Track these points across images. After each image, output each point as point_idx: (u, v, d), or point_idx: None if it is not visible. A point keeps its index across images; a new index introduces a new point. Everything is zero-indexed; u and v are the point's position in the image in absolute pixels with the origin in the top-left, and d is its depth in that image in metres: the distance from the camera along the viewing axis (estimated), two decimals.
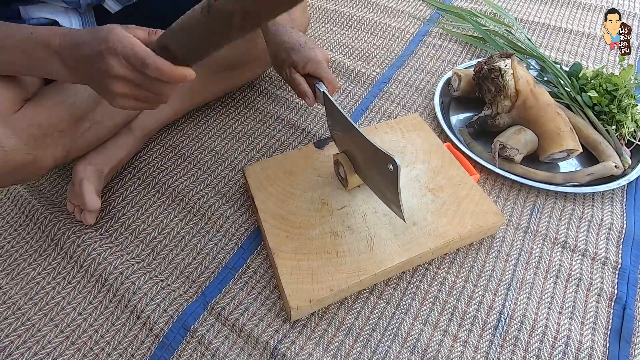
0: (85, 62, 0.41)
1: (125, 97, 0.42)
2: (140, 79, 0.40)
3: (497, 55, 0.72)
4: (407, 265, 0.55)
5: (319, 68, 0.59)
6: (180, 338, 0.51)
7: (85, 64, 0.41)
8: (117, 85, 0.40)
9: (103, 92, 0.42)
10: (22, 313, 0.54)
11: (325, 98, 0.57)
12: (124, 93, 0.41)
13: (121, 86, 0.41)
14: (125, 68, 0.39)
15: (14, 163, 0.47)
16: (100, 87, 0.42)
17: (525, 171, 0.66)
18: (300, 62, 0.59)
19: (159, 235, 0.62)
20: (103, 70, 0.40)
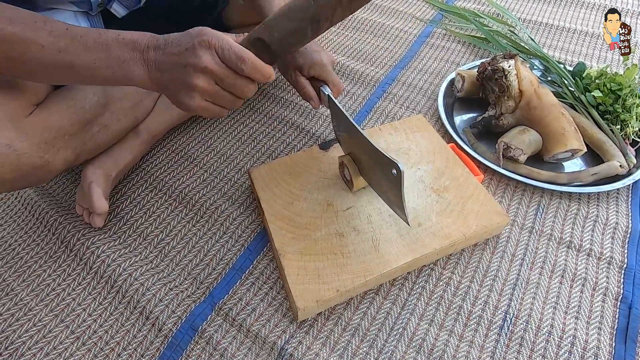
0: (172, 58, 0.41)
1: (205, 93, 0.42)
2: (227, 75, 0.41)
3: (500, 56, 0.72)
4: (412, 266, 0.55)
5: (324, 71, 0.59)
6: (188, 338, 0.52)
7: (172, 61, 0.41)
8: (201, 79, 0.41)
9: (183, 89, 0.42)
10: (33, 314, 0.55)
11: (329, 101, 0.58)
12: (204, 89, 0.41)
13: (205, 81, 0.41)
14: (215, 62, 0.40)
15: (26, 166, 0.48)
16: (180, 86, 0.42)
17: (530, 171, 0.66)
18: (305, 65, 0.59)
19: (167, 237, 0.62)
20: (191, 63, 0.40)
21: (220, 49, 0.40)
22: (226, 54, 0.41)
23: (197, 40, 0.40)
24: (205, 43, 0.40)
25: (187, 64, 0.41)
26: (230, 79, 0.42)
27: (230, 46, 0.41)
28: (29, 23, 0.40)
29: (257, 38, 0.42)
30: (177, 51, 0.41)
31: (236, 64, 0.41)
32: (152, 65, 0.42)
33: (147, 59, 0.42)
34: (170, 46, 0.42)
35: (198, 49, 0.40)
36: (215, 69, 0.41)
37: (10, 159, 0.47)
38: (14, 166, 0.47)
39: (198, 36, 0.41)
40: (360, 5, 0.42)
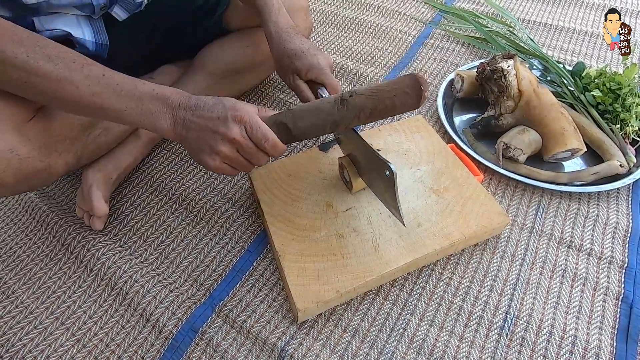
0: (202, 122, 0.45)
1: (226, 159, 0.47)
2: (249, 147, 0.46)
3: (499, 56, 0.72)
4: (412, 266, 0.55)
5: (322, 74, 0.59)
6: (189, 340, 0.52)
7: (201, 124, 0.45)
8: (226, 147, 0.46)
9: (207, 150, 0.46)
10: (34, 317, 0.55)
11: None
12: (226, 155, 0.46)
13: (229, 149, 0.46)
14: (242, 136, 0.45)
15: (28, 170, 0.48)
16: (205, 146, 0.46)
17: (530, 171, 0.66)
18: (303, 69, 0.60)
19: (167, 239, 0.62)
20: (221, 132, 0.45)
21: (250, 126, 0.45)
22: (254, 132, 0.46)
23: (230, 114, 0.45)
24: (238, 118, 0.45)
25: (217, 131, 0.45)
26: (251, 151, 0.47)
27: (259, 126, 0.46)
28: (68, 63, 0.43)
29: (282, 122, 0.48)
30: (208, 116, 0.45)
31: (260, 141, 0.46)
32: (180, 123, 0.46)
33: (176, 116, 0.46)
34: (202, 110, 0.46)
35: (230, 122, 0.45)
36: (242, 142, 0.46)
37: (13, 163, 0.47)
38: (16, 170, 0.47)
39: (232, 110, 0.45)
40: (374, 120, 0.49)
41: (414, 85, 0.46)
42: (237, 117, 0.45)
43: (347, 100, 0.47)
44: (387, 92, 0.47)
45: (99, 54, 0.62)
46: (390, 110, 0.48)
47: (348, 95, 0.47)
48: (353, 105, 0.47)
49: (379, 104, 0.47)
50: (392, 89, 0.47)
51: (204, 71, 0.73)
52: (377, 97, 0.47)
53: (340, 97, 0.47)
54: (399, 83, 0.47)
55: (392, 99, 0.47)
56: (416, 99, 0.46)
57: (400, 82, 0.47)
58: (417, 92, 0.46)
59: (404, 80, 0.46)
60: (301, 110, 0.49)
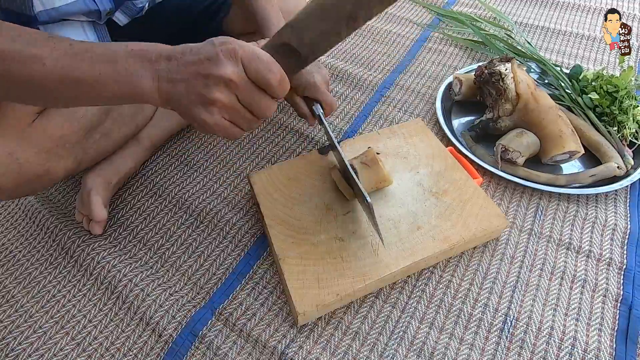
0: (190, 68, 0.37)
1: (224, 110, 0.38)
2: (251, 90, 0.38)
3: (497, 59, 0.73)
4: (412, 269, 0.55)
5: (317, 92, 0.58)
6: (189, 344, 0.52)
7: (189, 71, 0.37)
8: (223, 93, 0.37)
9: (201, 103, 0.38)
10: (34, 321, 0.55)
11: (319, 120, 0.59)
12: (225, 104, 0.38)
13: (227, 95, 0.37)
14: (240, 75, 0.37)
15: (28, 175, 0.49)
16: (197, 99, 0.38)
17: (528, 173, 0.66)
18: (300, 86, 0.58)
19: (167, 243, 0.63)
20: (214, 73, 0.36)
21: (248, 60, 0.37)
22: (253, 66, 0.37)
23: (221, 49, 0.37)
24: (232, 52, 0.37)
25: (209, 74, 0.36)
26: (254, 96, 0.38)
27: (258, 56, 0.37)
28: (31, 40, 0.37)
29: (283, 43, 0.38)
30: (196, 59, 0.37)
31: (264, 76, 0.37)
32: (164, 76, 0.38)
33: (158, 69, 0.38)
34: (189, 54, 0.38)
35: (223, 59, 0.36)
36: (241, 83, 0.37)
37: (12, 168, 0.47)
38: (16, 174, 0.47)
39: (222, 44, 0.37)
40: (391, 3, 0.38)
41: None
42: (229, 51, 0.37)
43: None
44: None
45: None
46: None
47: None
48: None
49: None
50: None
51: None
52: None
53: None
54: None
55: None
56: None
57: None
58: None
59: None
60: (303, 16, 0.38)
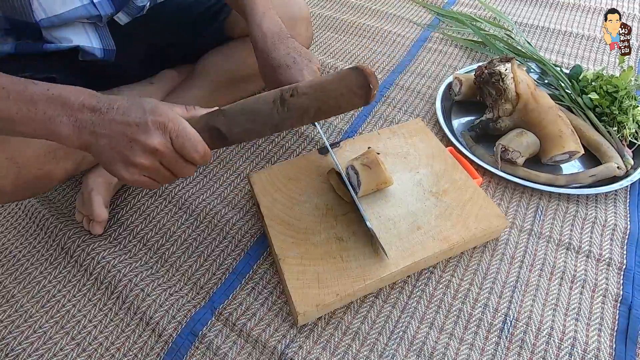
0: (116, 127, 0.38)
1: (145, 171, 0.40)
2: (174, 159, 0.40)
3: (497, 59, 0.73)
4: (412, 269, 0.55)
5: None
6: (189, 344, 0.52)
7: (115, 130, 0.38)
8: (145, 159, 0.39)
9: (122, 162, 0.39)
10: (34, 321, 0.55)
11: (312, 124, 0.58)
12: (146, 167, 0.39)
13: (149, 161, 0.39)
14: (166, 147, 0.39)
15: (28, 177, 0.48)
16: (119, 157, 0.39)
17: (528, 174, 0.66)
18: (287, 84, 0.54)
19: (167, 243, 0.63)
20: (141, 141, 0.38)
21: (175, 134, 0.39)
22: (180, 142, 0.39)
23: (151, 119, 0.38)
24: (160, 125, 0.38)
25: (136, 139, 0.38)
26: (176, 163, 0.40)
27: (186, 134, 0.39)
28: None
29: (215, 127, 0.41)
30: (124, 120, 0.38)
31: (188, 152, 0.39)
32: (86, 127, 0.38)
33: (80, 120, 0.38)
34: (114, 112, 0.38)
35: (152, 129, 0.38)
36: (165, 153, 0.39)
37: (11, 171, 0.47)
38: (15, 178, 0.47)
39: (152, 114, 0.38)
40: (317, 120, 0.43)
41: (362, 84, 0.40)
42: (159, 124, 0.38)
43: (288, 100, 0.40)
44: (333, 91, 0.41)
45: (108, 59, 0.63)
46: (335, 110, 0.43)
47: (289, 94, 0.40)
48: (294, 106, 0.40)
49: (322, 105, 0.41)
50: (338, 87, 0.41)
51: (206, 79, 0.73)
52: (322, 96, 0.41)
53: (280, 96, 0.40)
54: (345, 79, 0.41)
55: (338, 99, 0.41)
56: (364, 99, 0.41)
57: (347, 79, 0.41)
58: (366, 91, 0.40)
59: (351, 77, 0.41)
60: (236, 112, 0.41)
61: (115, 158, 0.39)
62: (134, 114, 0.38)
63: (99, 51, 0.61)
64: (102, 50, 0.61)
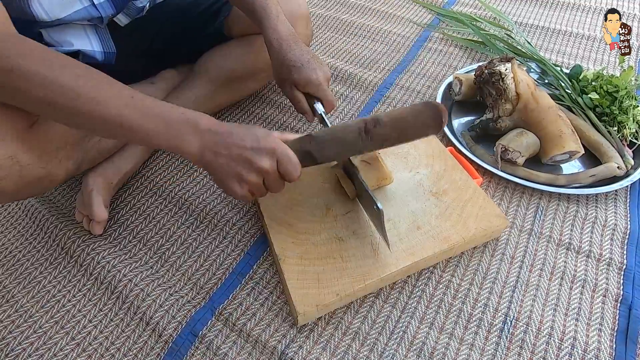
0: (234, 150, 0.45)
1: (250, 185, 0.46)
2: (276, 179, 0.47)
3: (497, 59, 0.73)
4: (412, 269, 0.55)
5: (318, 90, 0.60)
6: (189, 344, 0.52)
7: (233, 152, 0.45)
8: (254, 177, 0.46)
9: (235, 177, 0.46)
10: (34, 321, 0.55)
11: (321, 118, 0.60)
12: (254, 184, 0.46)
13: (257, 179, 0.46)
14: (272, 167, 0.46)
15: (29, 178, 0.48)
16: (233, 174, 0.46)
17: (528, 173, 0.66)
18: (301, 82, 0.59)
19: (167, 243, 0.63)
20: (255, 162, 0.45)
21: (281, 159, 0.46)
22: (284, 166, 0.46)
23: (263, 144, 0.45)
24: (271, 151, 0.45)
25: (250, 160, 0.45)
26: (277, 182, 0.48)
27: (290, 159, 0.46)
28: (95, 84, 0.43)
29: (308, 151, 0.49)
30: (241, 144, 0.45)
31: (289, 174, 0.47)
32: (209, 147, 0.45)
33: (206, 140, 0.45)
34: (232, 137, 0.46)
35: (263, 154, 0.45)
36: (271, 174, 0.46)
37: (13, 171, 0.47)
38: (17, 178, 0.47)
39: (264, 141, 0.46)
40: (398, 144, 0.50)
41: (436, 117, 0.46)
42: (269, 149, 0.45)
43: (372, 131, 0.47)
44: (411, 124, 0.48)
45: (108, 62, 0.63)
46: (411, 138, 0.49)
47: (372, 125, 0.47)
48: (377, 136, 0.47)
49: (401, 135, 0.48)
50: (416, 121, 0.47)
51: (206, 77, 0.73)
52: (401, 128, 0.48)
53: (365, 127, 0.47)
54: (422, 114, 0.47)
55: (415, 130, 0.48)
56: (436, 130, 0.47)
57: (424, 114, 0.47)
58: (439, 124, 0.47)
59: (426, 111, 0.47)
60: (325, 138, 0.49)
61: (230, 174, 0.46)
62: (249, 139, 0.46)
63: (100, 54, 0.61)
64: (103, 53, 0.61)
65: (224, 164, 0.46)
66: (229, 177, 0.46)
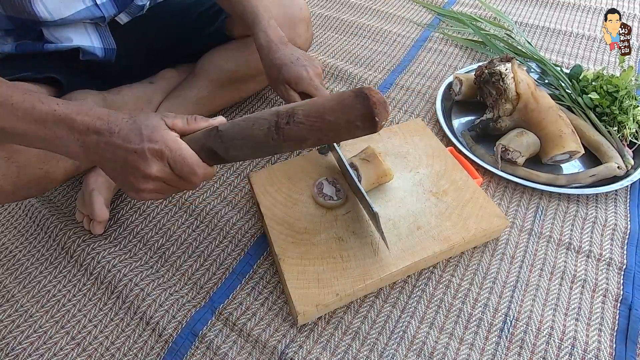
0: (118, 152, 0.39)
1: (151, 192, 0.41)
2: (175, 181, 0.40)
3: (497, 59, 0.73)
4: (412, 269, 0.55)
5: (310, 86, 0.58)
6: (189, 343, 0.52)
7: (118, 154, 0.39)
8: (148, 184, 0.40)
9: (128, 184, 0.40)
10: (34, 320, 0.55)
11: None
12: (151, 190, 0.40)
13: (152, 185, 0.40)
14: (165, 172, 0.39)
15: (27, 177, 0.48)
16: (125, 179, 0.40)
17: (528, 173, 0.66)
18: (292, 80, 0.58)
19: (167, 243, 0.63)
20: (139, 168, 0.38)
21: (173, 161, 0.39)
22: (178, 168, 0.39)
23: (148, 147, 0.38)
24: (157, 154, 0.38)
25: (135, 167, 0.39)
26: (178, 183, 0.41)
27: (183, 159, 0.39)
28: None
29: (212, 149, 0.40)
30: (125, 147, 0.38)
31: (187, 177, 0.40)
32: (92, 150, 0.39)
33: (86, 142, 0.39)
34: (116, 137, 0.39)
35: (149, 158, 0.38)
36: (165, 177, 0.40)
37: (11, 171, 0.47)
38: (15, 178, 0.47)
39: (150, 141, 0.38)
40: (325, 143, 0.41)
41: (366, 116, 0.34)
42: (155, 152, 0.38)
43: (283, 129, 0.37)
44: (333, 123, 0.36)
45: (108, 58, 0.63)
46: (337, 140, 0.39)
47: (285, 122, 0.37)
48: (290, 136, 0.37)
49: (322, 136, 0.37)
50: (338, 119, 0.36)
51: (206, 78, 0.73)
52: (320, 127, 0.36)
53: (276, 123, 0.37)
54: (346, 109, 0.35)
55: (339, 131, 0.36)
56: (369, 130, 0.36)
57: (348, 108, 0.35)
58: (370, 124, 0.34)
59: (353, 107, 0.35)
60: (232, 135, 0.40)
61: (122, 180, 0.40)
62: (133, 139, 0.38)
63: (100, 50, 0.61)
64: (103, 49, 0.61)
65: (113, 169, 0.40)
66: (122, 183, 0.41)
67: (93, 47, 0.59)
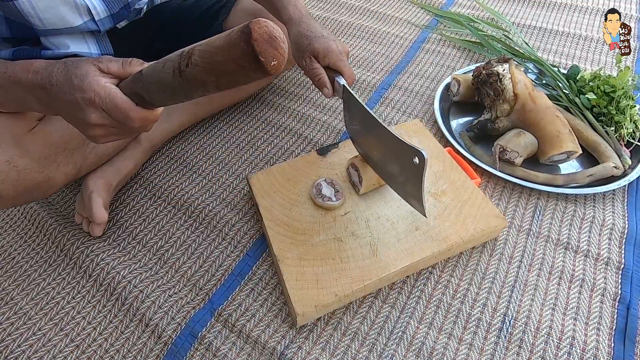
0: (63, 105, 0.40)
1: (104, 136, 0.42)
2: (118, 124, 0.40)
3: (495, 60, 0.73)
4: (410, 270, 0.55)
5: (340, 60, 0.57)
6: (188, 345, 0.52)
7: (60, 105, 0.40)
8: (94, 130, 0.40)
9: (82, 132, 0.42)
10: (33, 323, 0.55)
11: (345, 91, 0.57)
12: (102, 135, 0.41)
13: (99, 131, 0.41)
14: (103, 118, 0.39)
15: (28, 182, 0.48)
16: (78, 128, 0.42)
17: (526, 174, 0.66)
18: (322, 51, 0.58)
19: (166, 244, 0.63)
20: (80, 118, 0.39)
21: (106, 108, 0.39)
22: (113, 114, 0.39)
23: (80, 97, 0.38)
24: (89, 102, 0.38)
25: (76, 117, 0.40)
26: (122, 127, 0.41)
27: (115, 105, 0.38)
28: None
29: (138, 93, 0.39)
30: (64, 99, 0.39)
31: (125, 123, 0.40)
32: (44, 103, 0.41)
33: (38, 97, 0.41)
34: (57, 89, 0.39)
35: (84, 107, 0.38)
36: (107, 123, 0.40)
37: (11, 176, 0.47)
38: (15, 182, 0.47)
39: (80, 90, 0.38)
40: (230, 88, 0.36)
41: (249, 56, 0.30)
42: (87, 100, 0.38)
43: (185, 71, 0.34)
44: (223, 65, 0.32)
45: None
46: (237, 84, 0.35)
47: (185, 64, 0.34)
48: (192, 79, 0.35)
49: (219, 79, 0.34)
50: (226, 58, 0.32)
51: None
52: (214, 70, 0.33)
53: (179, 65, 0.35)
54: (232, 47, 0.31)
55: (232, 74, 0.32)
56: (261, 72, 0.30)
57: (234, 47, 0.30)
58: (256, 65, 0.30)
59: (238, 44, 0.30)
60: (149, 78, 0.38)
61: (79, 129, 0.42)
62: (67, 90, 0.39)
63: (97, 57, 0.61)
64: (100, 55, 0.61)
65: (68, 119, 0.41)
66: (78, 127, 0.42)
67: (90, 54, 0.60)
